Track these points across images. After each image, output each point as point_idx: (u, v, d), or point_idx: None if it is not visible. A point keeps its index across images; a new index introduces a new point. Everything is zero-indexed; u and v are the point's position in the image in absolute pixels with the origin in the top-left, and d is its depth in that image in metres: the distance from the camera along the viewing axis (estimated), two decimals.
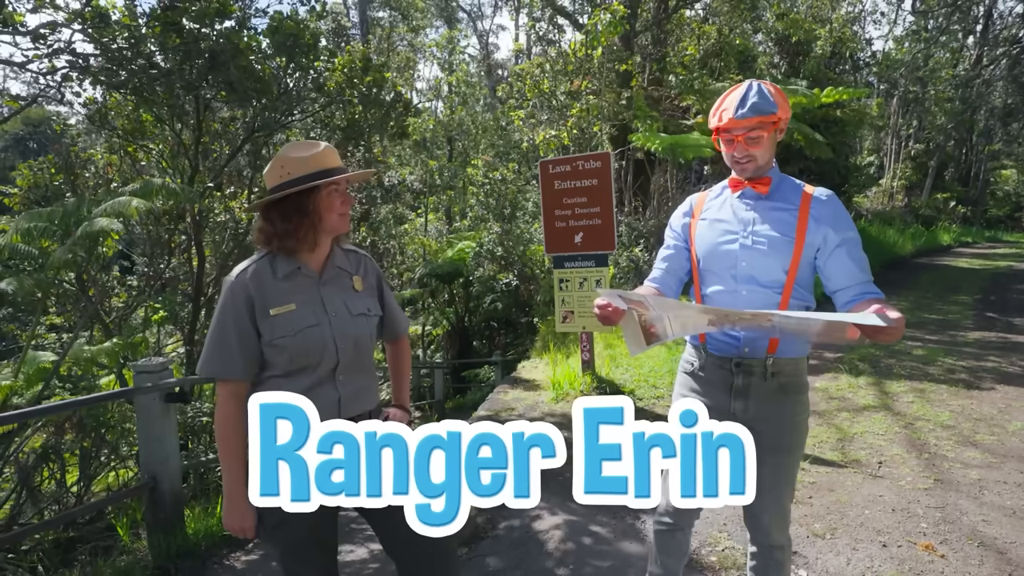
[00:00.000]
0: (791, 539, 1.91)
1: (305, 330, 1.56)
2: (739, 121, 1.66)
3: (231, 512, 1.57)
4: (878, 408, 4.80)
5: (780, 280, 1.70)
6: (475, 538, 3.16)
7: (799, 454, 1.82)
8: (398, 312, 1.89)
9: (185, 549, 3.13)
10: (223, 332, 1.54)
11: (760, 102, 1.65)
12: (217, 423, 1.56)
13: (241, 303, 1.54)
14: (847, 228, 1.70)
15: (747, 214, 1.76)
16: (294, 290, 1.59)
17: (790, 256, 1.69)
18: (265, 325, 1.54)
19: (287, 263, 1.60)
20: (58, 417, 4.20)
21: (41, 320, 6.11)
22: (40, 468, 3.99)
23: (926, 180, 24.48)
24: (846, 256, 1.68)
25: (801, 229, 1.68)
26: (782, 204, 1.73)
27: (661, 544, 1.99)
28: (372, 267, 1.80)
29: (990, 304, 9.54)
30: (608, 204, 5.04)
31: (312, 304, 1.59)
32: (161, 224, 6.33)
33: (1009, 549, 2.75)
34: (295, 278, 1.60)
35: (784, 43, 13.61)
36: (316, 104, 6.44)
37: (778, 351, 1.73)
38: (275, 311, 1.55)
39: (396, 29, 25.42)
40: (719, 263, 1.77)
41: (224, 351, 1.54)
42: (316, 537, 1.64)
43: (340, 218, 1.62)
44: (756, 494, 1.81)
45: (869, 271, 1.69)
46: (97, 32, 4.45)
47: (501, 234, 11.25)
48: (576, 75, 9.10)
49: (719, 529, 3.01)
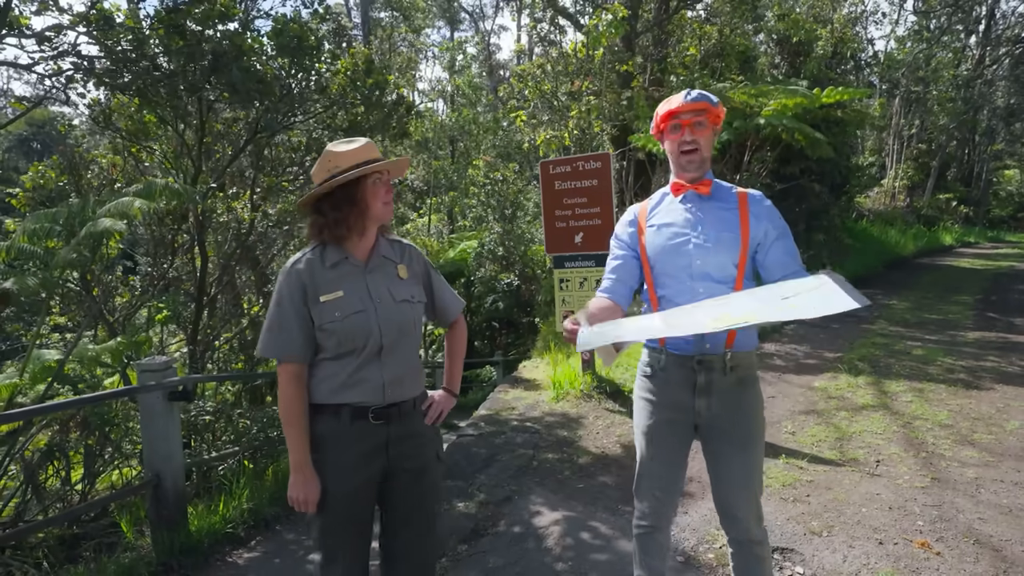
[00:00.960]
0: (767, 532, 1.94)
1: (352, 316, 1.66)
2: (687, 104, 1.80)
3: (296, 485, 1.66)
4: (877, 407, 4.82)
5: (732, 275, 1.81)
6: (475, 535, 3.19)
7: (763, 445, 1.89)
8: (449, 296, 1.96)
9: (188, 546, 3.17)
10: (281, 317, 1.67)
11: (704, 95, 1.81)
12: (281, 403, 1.68)
13: (296, 290, 1.66)
14: (781, 224, 1.85)
15: (694, 215, 1.87)
16: (342, 278, 1.70)
17: (738, 251, 1.81)
18: (316, 310, 1.66)
19: (335, 253, 1.71)
20: (63, 415, 4.24)
21: (45, 320, 6.15)
22: (45, 466, 4.02)
23: (928, 180, 24.42)
24: (782, 250, 1.81)
25: (744, 226, 1.82)
26: (723, 204, 1.86)
27: (643, 546, 2.02)
28: (417, 255, 1.89)
29: (991, 304, 9.54)
30: (608, 204, 5.07)
31: (358, 291, 1.70)
32: (164, 224, 6.36)
33: (1004, 547, 2.77)
34: (342, 267, 1.71)
35: (785, 43, 13.59)
36: (319, 105, 6.48)
37: (735, 344, 1.82)
38: (324, 298, 1.66)
39: (398, 30, 25.46)
40: (674, 265, 1.86)
41: (283, 334, 1.66)
42: (356, 518, 1.71)
43: (384, 207, 1.73)
44: (731, 491, 1.88)
45: (800, 260, 1.83)
46: (101, 34, 4.49)
47: (502, 234, 11.29)
48: (577, 75, 9.13)
49: (716, 527, 3.04)
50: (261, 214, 7.12)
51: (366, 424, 1.69)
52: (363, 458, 1.70)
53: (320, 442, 1.69)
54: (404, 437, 1.76)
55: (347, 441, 1.69)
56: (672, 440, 1.90)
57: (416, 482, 1.79)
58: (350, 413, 1.68)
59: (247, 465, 4.15)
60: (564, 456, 4.20)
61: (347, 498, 1.68)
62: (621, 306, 1.95)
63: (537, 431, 4.72)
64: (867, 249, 14.62)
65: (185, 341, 6.65)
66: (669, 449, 1.91)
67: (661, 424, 1.90)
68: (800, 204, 12.27)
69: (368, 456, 1.71)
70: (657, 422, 1.91)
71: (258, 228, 7.17)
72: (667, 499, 1.95)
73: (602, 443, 4.41)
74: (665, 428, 1.90)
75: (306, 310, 1.66)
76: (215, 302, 6.98)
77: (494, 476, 3.92)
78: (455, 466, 4.11)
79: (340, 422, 1.68)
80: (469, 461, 4.21)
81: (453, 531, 3.21)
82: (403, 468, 1.76)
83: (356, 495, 1.70)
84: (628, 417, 4.89)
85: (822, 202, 12.49)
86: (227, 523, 3.39)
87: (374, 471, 1.72)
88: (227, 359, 6.88)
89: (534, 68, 10.01)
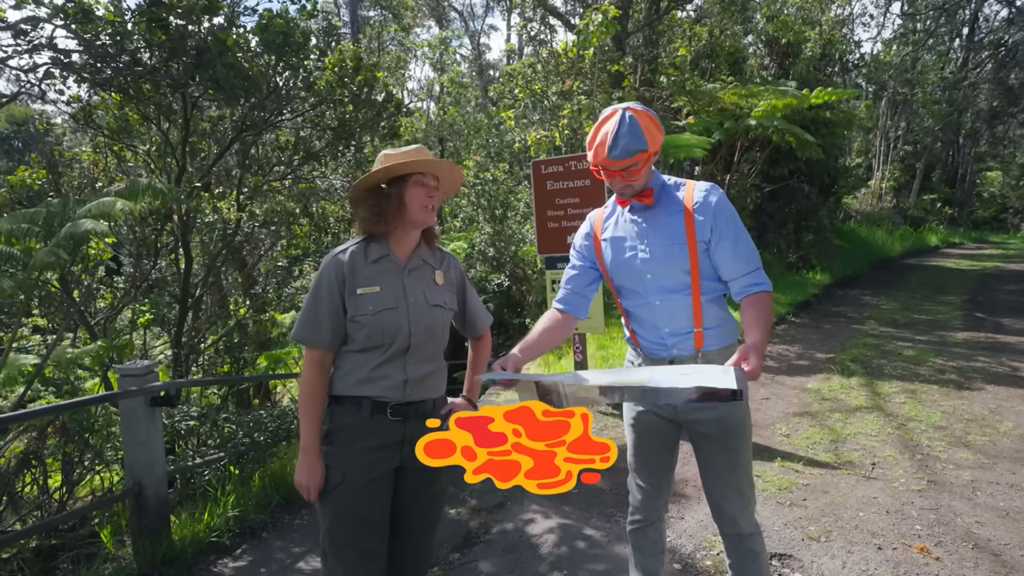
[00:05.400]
0: (759, 525, 1.90)
1: (384, 311, 1.70)
2: (612, 161, 1.73)
3: (302, 468, 1.69)
4: (870, 409, 4.81)
5: (686, 282, 1.77)
6: (467, 543, 3.12)
7: (745, 437, 1.85)
8: (479, 311, 2.02)
9: (171, 556, 3.06)
10: (317, 304, 1.70)
11: (630, 142, 1.70)
12: (301, 386, 1.73)
13: (335, 279, 1.70)
14: (728, 220, 1.77)
15: (639, 227, 1.84)
16: (380, 274, 1.74)
17: (686, 257, 1.76)
18: (352, 302, 1.70)
19: (378, 249, 1.76)
20: (40, 421, 4.11)
21: (24, 322, 5.99)
22: (22, 473, 3.89)
23: (914, 182, 24.68)
24: (729, 248, 1.75)
25: (689, 228, 1.76)
26: (668, 210, 1.81)
27: (637, 544, 2.02)
28: (455, 265, 1.94)
29: (978, 304, 9.62)
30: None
31: (394, 288, 1.74)
32: (148, 225, 6.22)
33: (1003, 551, 2.75)
34: (383, 263, 1.75)
35: (774, 45, 13.65)
36: (306, 104, 6.37)
37: (704, 344, 1.79)
38: (361, 291, 1.70)
39: (387, 28, 25.30)
40: (628, 279, 1.86)
41: (316, 322, 1.70)
42: (367, 514, 1.71)
43: (422, 210, 1.74)
44: (715, 484, 1.86)
45: (753, 259, 1.76)
46: (80, 28, 4.35)
47: (492, 235, 11.20)
48: (568, 75, 9.08)
49: (713, 532, 2.99)
50: (248, 214, 6.99)
51: (384, 419, 1.71)
52: (378, 452, 1.71)
53: (338, 432, 1.72)
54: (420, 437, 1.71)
55: (365, 434, 1.70)
56: (658, 432, 1.91)
57: (426, 485, 1.79)
58: (370, 406, 1.70)
59: (233, 471, 4.03)
60: None
61: (358, 491, 1.69)
62: (576, 316, 1.99)
63: None
64: (855, 250, 14.73)
65: (169, 344, 6.51)
66: (655, 440, 1.92)
67: (647, 415, 1.91)
68: (789, 205, 12.33)
69: (383, 451, 1.72)
70: (642, 413, 1.92)
71: (244, 228, 7.04)
72: (656, 492, 1.96)
73: None
74: (651, 420, 1.91)
75: (340, 299, 1.70)
76: (200, 304, 6.84)
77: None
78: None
79: (360, 414, 1.70)
80: None
81: (445, 539, 3.13)
82: (415, 468, 1.71)
83: (368, 489, 1.70)
84: (620, 419, 4.84)
85: (811, 203, 12.56)
86: (212, 531, 3.28)
87: (388, 468, 1.73)
88: (212, 362, 6.74)
89: (525, 67, 9.95)
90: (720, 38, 12.06)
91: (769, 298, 1.74)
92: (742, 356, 1.52)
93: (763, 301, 1.71)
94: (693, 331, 1.78)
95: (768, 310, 1.72)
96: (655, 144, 1.76)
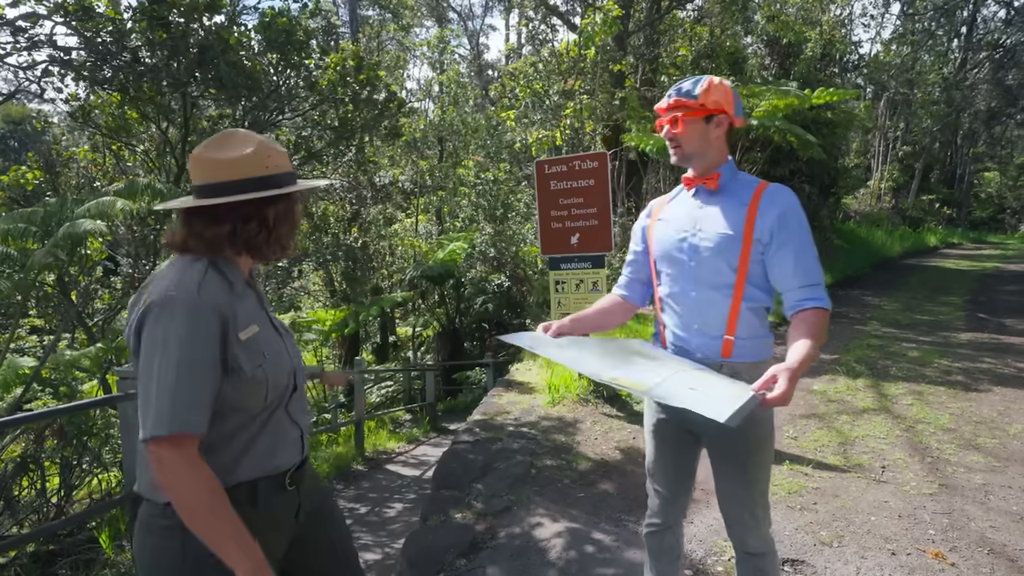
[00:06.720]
0: (772, 545, 1.82)
1: (277, 354, 1.27)
2: (663, 105, 1.73)
3: None
4: (878, 411, 4.77)
5: (729, 281, 1.65)
6: (474, 548, 3.07)
7: (762, 460, 1.75)
8: None
9: None
10: (194, 372, 1.12)
11: (688, 87, 1.68)
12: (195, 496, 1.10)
13: (215, 329, 1.15)
14: (796, 227, 1.62)
15: (698, 211, 1.73)
16: (250, 307, 1.26)
17: (737, 254, 1.64)
18: (240, 352, 1.19)
19: (233, 272, 1.25)
20: (38, 425, 4.05)
21: (22, 323, 5.92)
22: (19, 477, 3.83)
23: (912, 182, 24.73)
24: (791, 256, 1.60)
25: (749, 224, 1.63)
26: (732, 199, 1.69)
27: (653, 549, 1.98)
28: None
29: (980, 305, 9.60)
30: (605, 205, 4.97)
31: (263, 322, 1.28)
32: (146, 224, 6.17)
33: (1020, 556, 2.71)
34: (246, 291, 1.28)
35: (775, 45, 13.64)
36: (307, 103, 6.32)
37: (733, 354, 1.68)
38: (244, 334, 1.21)
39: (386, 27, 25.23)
40: (671, 262, 1.77)
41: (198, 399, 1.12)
42: None
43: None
44: (725, 501, 1.79)
45: (814, 274, 1.60)
46: (80, 25, 4.30)
47: (493, 235, 11.16)
48: (569, 74, 9.04)
49: (724, 538, 2.94)
50: None
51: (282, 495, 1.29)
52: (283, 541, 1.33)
53: None
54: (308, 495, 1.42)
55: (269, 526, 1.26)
56: (678, 438, 1.86)
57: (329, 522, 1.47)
58: (268, 487, 1.25)
59: None
60: (563, 463, 4.08)
61: None
62: (634, 302, 1.93)
63: (534, 437, 4.60)
64: (855, 250, 14.72)
65: None
66: (675, 447, 1.87)
67: (667, 422, 1.86)
68: None
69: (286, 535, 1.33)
70: (662, 420, 1.87)
71: None
72: (674, 497, 1.91)
73: (601, 449, 4.30)
74: (670, 426, 1.85)
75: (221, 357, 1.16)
76: None
77: (491, 485, 3.79)
78: (451, 475, 3.98)
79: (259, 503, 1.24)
80: (465, 470, 4.08)
81: (451, 545, 3.08)
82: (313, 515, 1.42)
83: None
84: (626, 422, 4.80)
85: (812, 204, 12.53)
86: None
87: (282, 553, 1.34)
88: None
89: (526, 67, 9.91)
90: (721, 38, 12.04)
91: (825, 317, 1.55)
92: (771, 379, 1.39)
93: (817, 319, 1.53)
94: (723, 337, 1.67)
95: (821, 330, 1.52)
96: (707, 99, 1.64)
